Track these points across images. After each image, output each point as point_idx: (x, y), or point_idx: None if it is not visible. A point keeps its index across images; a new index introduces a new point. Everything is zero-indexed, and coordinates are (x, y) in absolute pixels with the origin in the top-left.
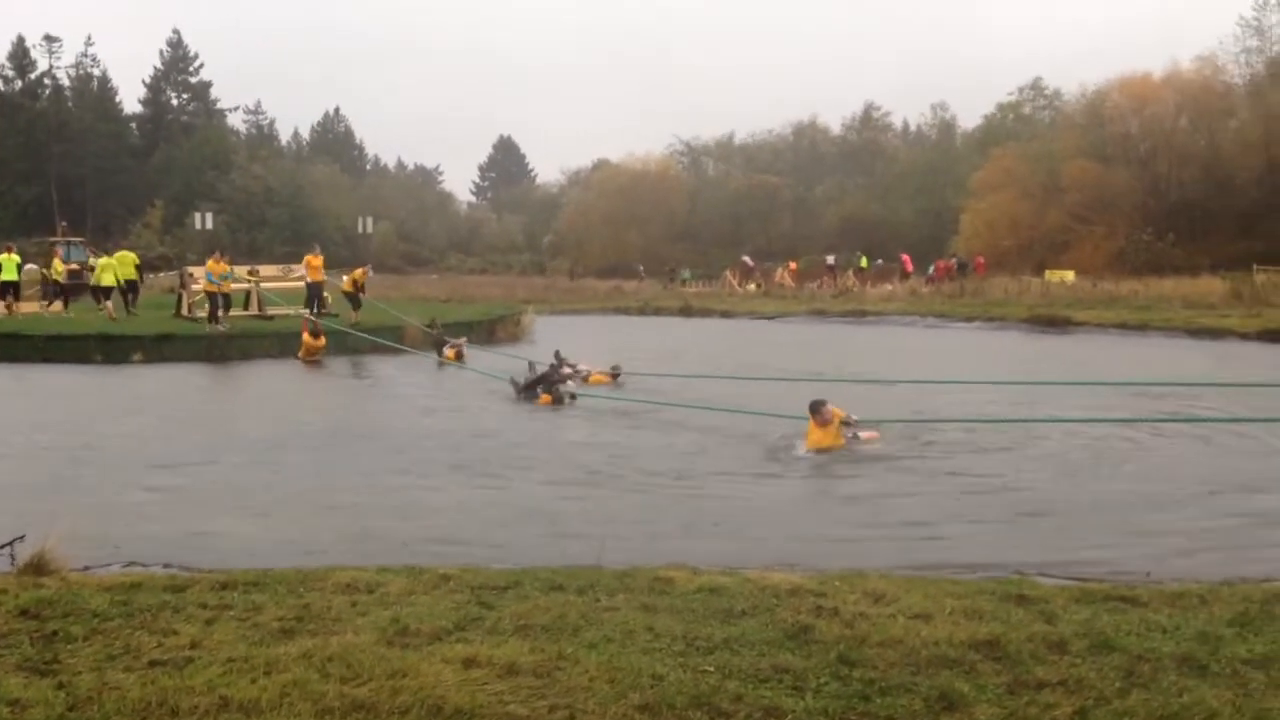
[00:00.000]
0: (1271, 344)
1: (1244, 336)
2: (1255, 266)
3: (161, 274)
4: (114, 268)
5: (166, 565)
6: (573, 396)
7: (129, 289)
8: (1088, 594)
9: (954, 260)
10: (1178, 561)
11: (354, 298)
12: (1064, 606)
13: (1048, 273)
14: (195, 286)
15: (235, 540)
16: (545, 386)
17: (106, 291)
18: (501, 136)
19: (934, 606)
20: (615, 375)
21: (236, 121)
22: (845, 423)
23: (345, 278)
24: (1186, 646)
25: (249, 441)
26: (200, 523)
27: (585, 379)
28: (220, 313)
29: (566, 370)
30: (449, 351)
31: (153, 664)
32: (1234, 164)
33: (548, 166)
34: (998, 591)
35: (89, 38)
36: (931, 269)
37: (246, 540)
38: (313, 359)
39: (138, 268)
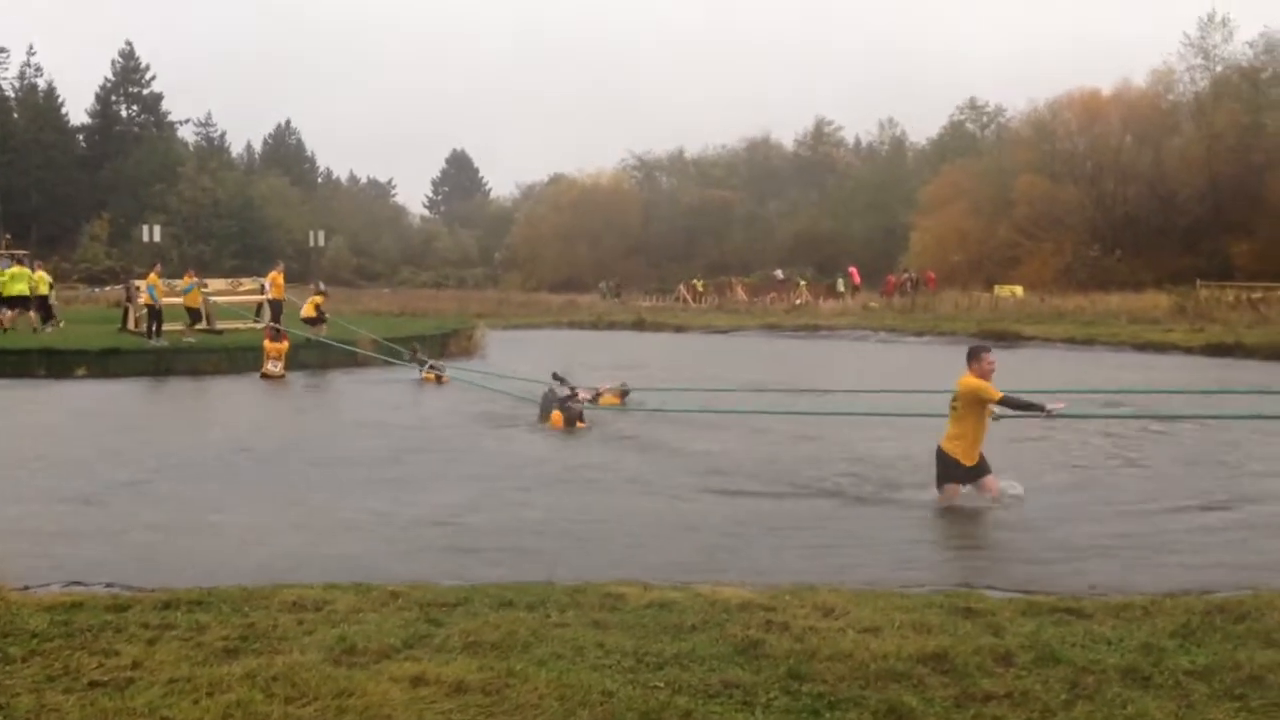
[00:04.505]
0: (1214, 358)
1: (1188, 351)
2: (1198, 282)
3: (108, 287)
4: (27, 278)
5: (109, 584)
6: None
7: (40, 306)
8: (1034, 606)
9: (906, 275)
10: (1122, 573)
11: (316, 322)
12: (1011, 619)
13: (997, 288)
14: (141, 300)
15: (179, 558)
16: (559, 406)
17: (11, 302)
18: (455, 150)
19: (883, 620)
20: (624, 395)
21: (187, 134)
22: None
23: (306, 303)
24: (1130, 658)
25: (190, 457)
26: (143, 540)
27: (596, 400)
28: (156, 328)
29: (583, 395)
30: (427, 374)
31: (93, 685)
32: (1178, 181)
33: (502, 181)
34: (946, 605)
35: (30, 47)
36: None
37: (191, 558)
38: (272, 375)
39: (51, 287)
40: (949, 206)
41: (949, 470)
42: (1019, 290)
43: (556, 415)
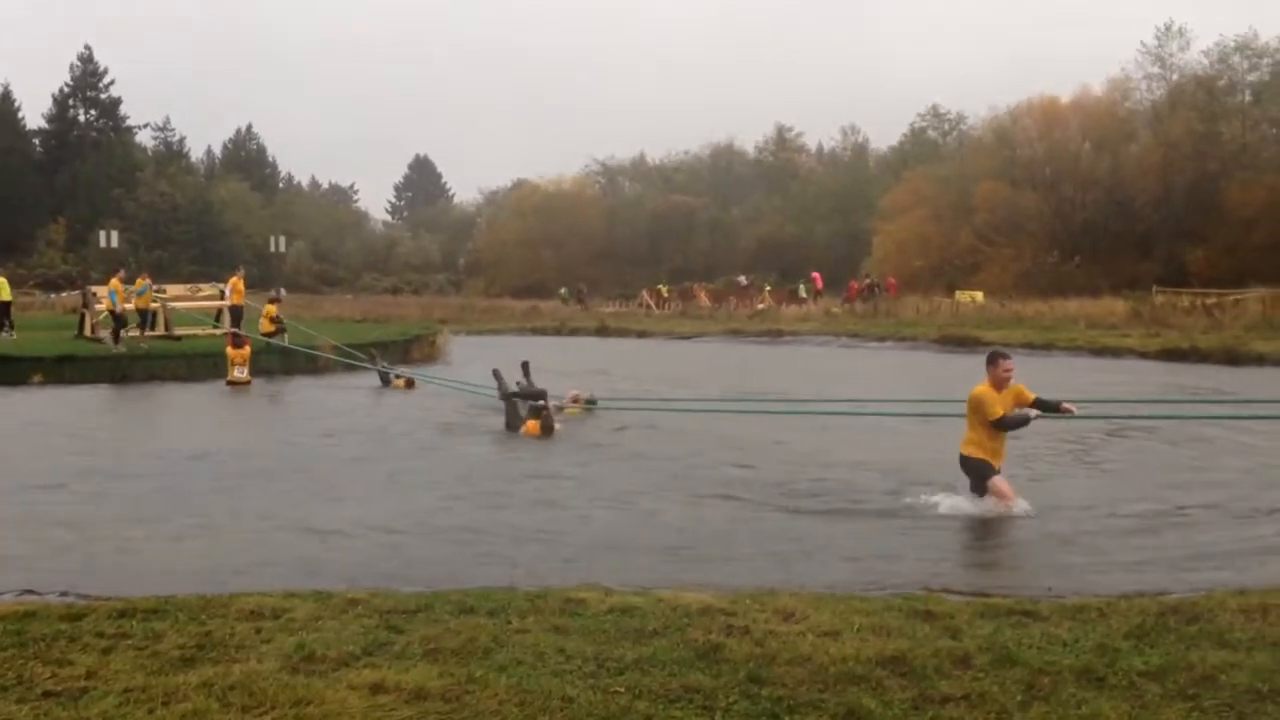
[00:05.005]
0: (1169, 362)
1: (1144, 355)
2: (1154, 288)
3: (64, 293)
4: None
5: (63, 593)
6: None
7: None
8: (991, 609)
9: (867, 281)
10: (1078, 575)
11: (275, 334)
12: (968, 621)
13: (958, 293)
14: (99, 306)
15: (135, 567)
16: (528, 409)
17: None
18: (418, 156)
19: (842, 624)
20: (589, 404)
21: (146, 139)
22: None
23: (262, 318)
24: (1085, 659)
25: (148, 464)
26: (98, 549)
27: (561, 408)
28: (123, 333)
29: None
30: (397, 380)
31: (46, 695)
32: (1135, 188)
33: (465, 186)
34: (905, 608)
35: None
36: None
37: (148, 567)
38: (239, 382)
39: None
40: (911, 212)
41: (984, 472)
42: (979, 296)
43: (532, 424)
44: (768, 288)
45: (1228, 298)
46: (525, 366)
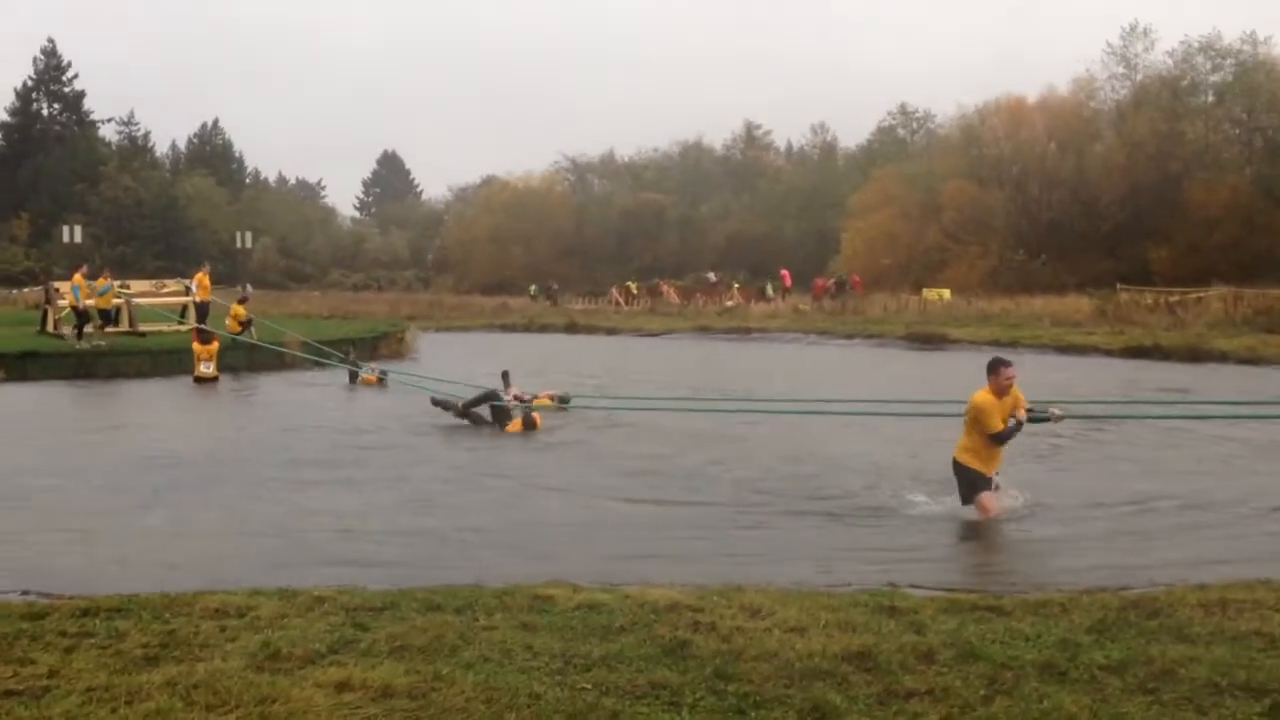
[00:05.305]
0: (1133, 360)
1: (1109, 353)
2: (1119, 286)
3: (26, 289)
4: None
5: (24, 592)
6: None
7: None
8: (956, 604)
9: (833, 280)
10: (1042, 571)
11: (244, 332)
12: (933, 617)
13: (925, 291)
14: (61, 302)
15: (99, 565)
16: (492, 410)
17: None
18: (386, 152)
19: (809, 619)
20: (563, 402)
21: (110, 133)
22: None
23: (228, 318)
24: (1047, 654)
25: (110, 463)
26: (61, 547)
27: (530, 404)
28: (87, 328)
29: (511, 396)
30: (365, 376)
31: (8, 694)
32: (1100, 187)
33: (433, 182)
34: (870, 604)
35: None
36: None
37: (111, 565)
38: (206, 378)
39: None
40: (879, 210)
41: (974, 483)
42: (946, 293)
43: (516, 422)
44: (736, 285)
45: (1190, 296)
46: (505, 376)
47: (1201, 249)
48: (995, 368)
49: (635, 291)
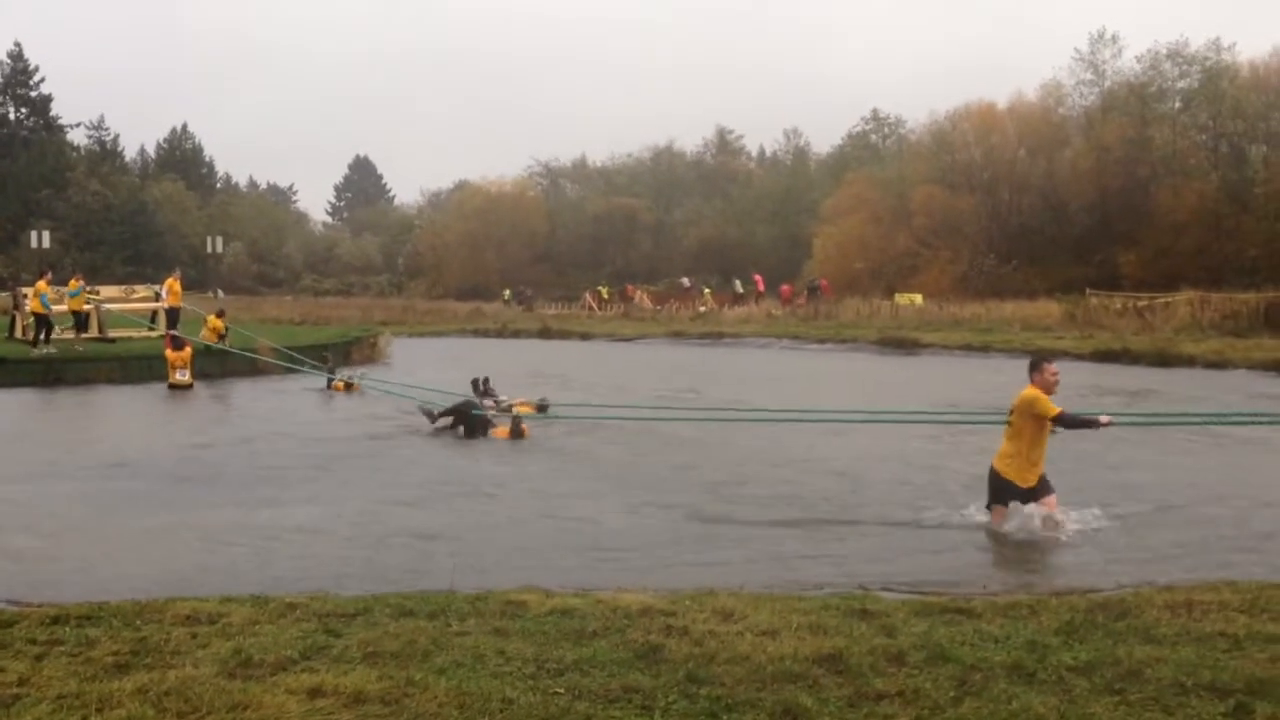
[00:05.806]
0: (1102, 363)
1: (1078, 357)
2: (1088, 291)
3: None
4: None
5: None
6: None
7: None
8: (926, 607)
9: (806, 288)
10: (1011, 573)
11: (219, 342)
12: (904, 620)
13: (897, 295)
14: (28, 307)
15: (68, 573)
16: (465, 421)
17: None
18: (358, 156)
19: (781, 623)
20: (542, 408)
21: (78, 137)
22: None
23: (204, 329)
24: (1016, 655)
25: (80, 469)
26: (29, 555)
27: (509, 410)
28: (46, 335)
29: (489, 403)
30: (337, 383)
31: None
32: (1069, 192)
33: (406, 187)
34: (842, 607)
35: None
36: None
37: (81, 573)
38: (181, 384)
39: None
40: (851, 215)
41: (1002, 490)
42: (918, 298)
43: (502, 429)
44: (708, 290)
45: (1158, 300)
46: (484, 383)
47: (1169, 254)
48: (1039, 365)
49: (606, 296)
